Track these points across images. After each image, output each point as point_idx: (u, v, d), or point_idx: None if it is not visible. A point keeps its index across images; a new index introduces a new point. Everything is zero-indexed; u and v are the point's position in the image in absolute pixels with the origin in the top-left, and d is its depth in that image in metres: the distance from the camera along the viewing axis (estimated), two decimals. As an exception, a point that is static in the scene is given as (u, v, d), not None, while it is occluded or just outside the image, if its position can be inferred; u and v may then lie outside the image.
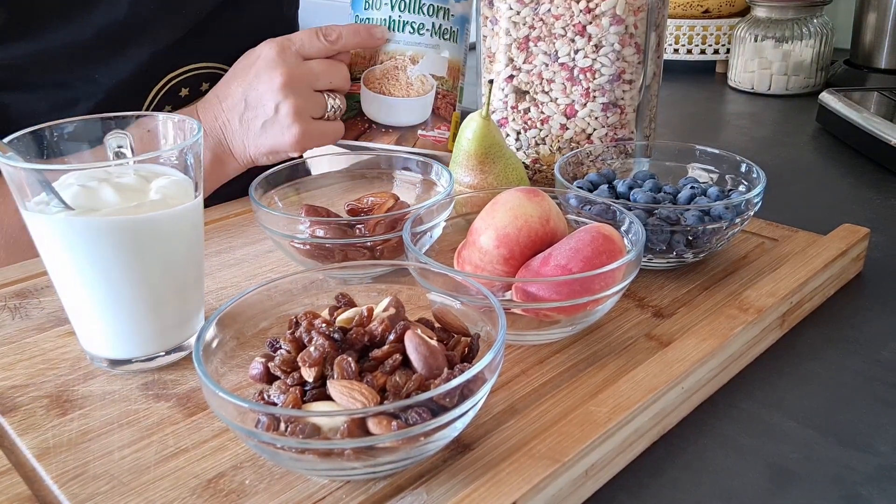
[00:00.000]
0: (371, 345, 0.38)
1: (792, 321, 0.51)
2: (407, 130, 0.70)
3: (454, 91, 0.71)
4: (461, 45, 0.70)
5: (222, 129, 0.66)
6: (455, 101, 0.71)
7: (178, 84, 0.71)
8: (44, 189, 0.41)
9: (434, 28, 0.67)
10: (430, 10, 0.67)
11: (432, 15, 0.67)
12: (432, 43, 0.68)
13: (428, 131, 0.70)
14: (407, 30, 0.68)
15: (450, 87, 0.70)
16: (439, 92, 0.70)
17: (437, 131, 0.70)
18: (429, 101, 0.70)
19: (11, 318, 0.51)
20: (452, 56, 0.70)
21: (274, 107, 0.64)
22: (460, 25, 0.69)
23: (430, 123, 0.70)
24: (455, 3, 0.68)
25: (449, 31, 0.68)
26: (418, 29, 0.68)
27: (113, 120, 0.47)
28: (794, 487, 0.37)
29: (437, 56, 0.69)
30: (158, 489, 0.36)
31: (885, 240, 0.63)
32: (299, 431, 0.32)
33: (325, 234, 0.51)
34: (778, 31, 1.07)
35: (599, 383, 0.42)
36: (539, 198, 0.47)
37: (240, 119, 0.65)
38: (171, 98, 0.71)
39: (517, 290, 0.44)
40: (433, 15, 0.67)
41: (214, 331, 0.38)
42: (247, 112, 0.65)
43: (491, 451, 0.37)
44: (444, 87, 0.70)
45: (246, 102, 0.65)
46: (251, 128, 0.65)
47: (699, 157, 0.62)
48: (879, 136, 0.80)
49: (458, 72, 0.71)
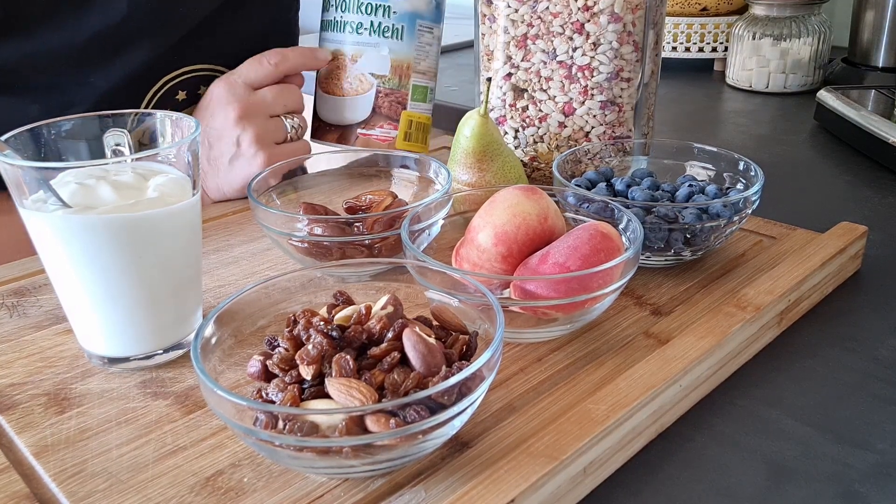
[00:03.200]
0: (369, 342, 0.38)
1: (790, 319, 0.51)
2: (347, 128, 0.71)
3: (402, 89, 0.70)
4: (410, 43, 0.70)
5: None
6: (405, 99, 0.71)
7: (174, 87, 0.71)
8: (41, 187, 0.41)
9: (373, 26, 0.68)
10: (368, 8, 0.68)
11: (370, 13, 0.68)
12: (371, 42, 0.68)
13: (369, 129, 0.70)
14: (347, 29, 0.69)
15: (395, 86, 0.70)
16: (381, 90, 0.70)
17: (379, 130, 0.70)
18: (367, 99, 0.70)
19: (9, 316, 0.51)
20: (397, 54, 0.69)
21: (235, 140, 0.65)
22: (407, 22, 0.69)
23: (371, 122, 0.71)
24: (400, 1, 0.68)
25: (391, 28, 0.68)
26: (356, 28, 0.68)
27: (110, 118, 0.47)
28: (792, 485, 0.37)
29: (377, 54, 0.69)
30: (157, 487, 0.36)
31: (883, 237, 0.63)
32: (297, 429, 0.32)
33: (323, 232, 0.51)
34: (776, 29, 1.07)
35: (597, 381, 0.42)
36: (537, 196, 0.47)
37: (207, 160, 0.67)
38: (167, 102, 0.71)
39: (515, 288, 0.44)
40: (371, 13, 0.68)
41: (212, 328, 0.38)
42: (212, 151, 0.67)
43: (489, 448, 0.38)
44: (386, 86, 0.70)
45: (209, 143, 0.66)
46: (220, 166, 0.67)
47: (697, 154, 0.62)
48: (877, 134, 0.80)
49: (406, 69, 0.70)
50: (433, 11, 0.70)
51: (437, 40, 0.72)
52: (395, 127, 0.71)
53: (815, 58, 1.08)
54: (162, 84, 0.70)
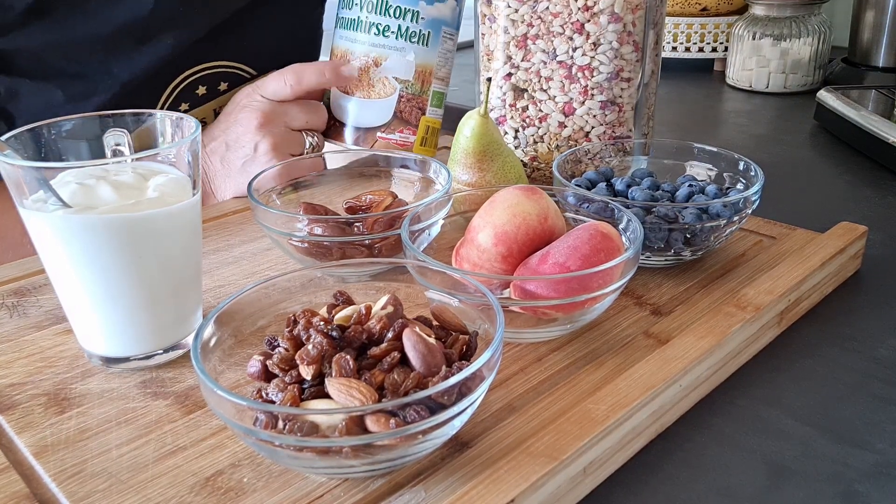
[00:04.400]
0: (369, 342, 0.38)
1: (790, 319, 0.51)
2: (366, 131, 0.70)
3: (423, 95, 0.70)
4: (434, 49, 0.69)
5: (205, 169, 0.69)
6: (424, 104, 0.70)
7: (195, 81, 0.72)
8: (41, 187, 0.41)
9: (400, 30, 0.66)
10: (397, 12, 0.66)
11: (398, 17, 0.66)
12: (397, 46, 0.67)
13: (388, 133, 0.69)
14: (372, 31, 0.67)
15: (416, 91, 0.69)
16: (403, 95, 0.69)
17: (399, 134, 0.69)
18: (390, 103, 0.69)
19: (9, 316, 0.51)
20: (421, 60, 0.68)
21: (253, 146, 0.66)
22: (433, 28, 0.68)
23: (391, 126, 0.70)
24: (427, 6, 0.67)
25: (417, 34, 0.67)
26: (383, 31, 0.67)
27: (111, 118, 0.47)
28: (792, 484, 0.37)
29: (402, 59, 0.68)
30: (157, 487, 0.36)
31: (883, 237, 0.63)
32: (297, 429, 0.32)
33: (323, 232, 0.51)
34: (776, 29, 1.07)
35: (597, 381, 0.42)
36: (537, 196, 0.47)
37: (221, 160, 0.68)
38: (187, 95, 0.72)
39: (515, 288, 0.44)
40: (399, 17, 0.66)
41: (212, 329, 0.38)
42: (228, 153, 0.67)
43: (489, 448, 0.38)
44: (409, 91, 0.69)
45: (226, 145, 0.67)
46: (232, 167, 0.68)
47: (697, 154, 0.62)
48: (877, 134, 0.80)
49: (428, 75, 0.69)
50: (456, 18, 0.70)
51: (455, 47, 0.72)
52: (414, 132, 0.70)
53: (815, 58, 1.08)
54: (184, 77, 0.71)
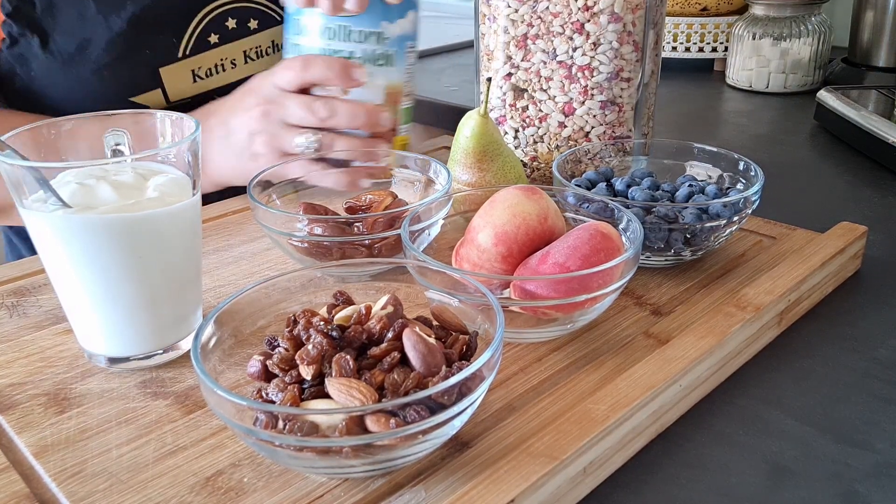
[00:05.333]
0: (369, 342, 0.38)
1: (790, 319, 0.51)
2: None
3: (394, 116, 0.66)
4: (401, 67, 0.66)
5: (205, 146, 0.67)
6: (397, 125, 0.67)
7: (225, 13, 0.71)
8: (41, 187, 0.41)
9: (366, 55, 0.63)
10: (360, 36, 0.63)
11: (363, 41, 0.63)
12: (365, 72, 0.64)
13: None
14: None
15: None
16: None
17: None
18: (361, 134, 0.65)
19: (9, 316, 0.51)
20: (390, 81, 0.65)
21: (248, 135, 0.65)
22: (398, 46, 0.65)
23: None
24: (389, 25, 0.63)
25: (384, 55, 0.64)
26: (349, 58, 0.63)
27: (110, 118, 0.47)
28: (792, 484, 0.37)
29: (371, 84, 0.64)
30: (157, 487, 0.36)
31: (883, 238, 0.63)
32: (297, 429, 0.32)
33: (323, 232, 0.51)
34: (776, 29, 1.07)
35: (597, 381, 0.42)
36: (537, 196, 0.47)
37: (219, 140, 0.67)
38: (218, 27, 0.71)
39: (515, 288, 0.44)
40: (364, 41, 0.63)
41: (212, 328, 0.38)
42: (228, 137, 0.66)
43: (489, 448, 0.38)
44: None
45: (228, 127, 0.66)
46: (225, 150, 0.66)
47: (697, 154, 0.62)
48: (877, 134, 0.80)
49: (398, 94, 0.66)
50: (416, 29, 0.67)
51: (416, 57, 0.68)
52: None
53: (815, 58, 1.08)
54: (216, 6, 0.70)
